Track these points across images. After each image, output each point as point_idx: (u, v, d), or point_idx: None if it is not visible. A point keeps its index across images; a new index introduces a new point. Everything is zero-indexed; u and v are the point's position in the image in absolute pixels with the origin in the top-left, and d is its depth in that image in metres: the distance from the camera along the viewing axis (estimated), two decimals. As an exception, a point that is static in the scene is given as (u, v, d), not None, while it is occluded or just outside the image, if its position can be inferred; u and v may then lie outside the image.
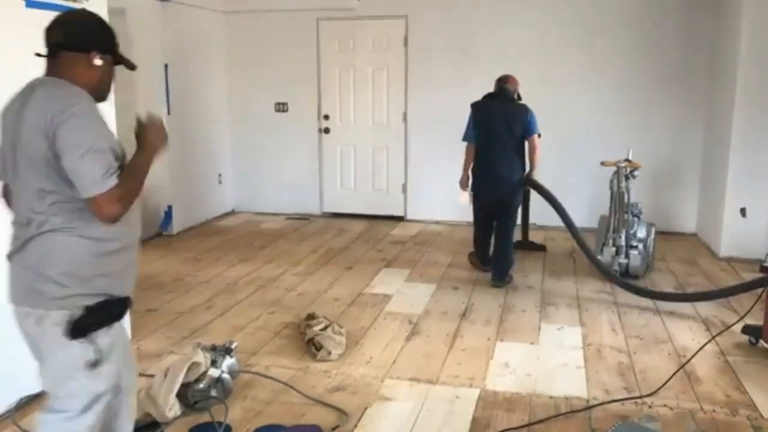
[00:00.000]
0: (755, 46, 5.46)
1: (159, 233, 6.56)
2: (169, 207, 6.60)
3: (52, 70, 2.01)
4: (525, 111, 5.03)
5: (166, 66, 6.35)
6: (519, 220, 5.68)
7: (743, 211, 5.67)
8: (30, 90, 1.96)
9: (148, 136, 2.16)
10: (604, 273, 4.93)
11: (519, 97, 5.17)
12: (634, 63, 6.59)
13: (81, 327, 1.95)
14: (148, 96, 6.40)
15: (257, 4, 7.26)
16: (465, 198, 5.22)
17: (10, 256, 2.02)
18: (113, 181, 1.90)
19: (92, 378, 2.00)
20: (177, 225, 6.68)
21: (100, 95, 2.09)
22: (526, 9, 6.72)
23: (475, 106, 5.16)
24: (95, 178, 1.87)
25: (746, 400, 3.19)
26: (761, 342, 3.76)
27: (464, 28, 6.93)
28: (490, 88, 5.31)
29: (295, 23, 7.32)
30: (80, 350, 1.96)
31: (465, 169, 5.21)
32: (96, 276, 1.98)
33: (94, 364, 1.98)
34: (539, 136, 5.08)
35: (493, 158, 5.01)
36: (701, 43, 6.39)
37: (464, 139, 5.19)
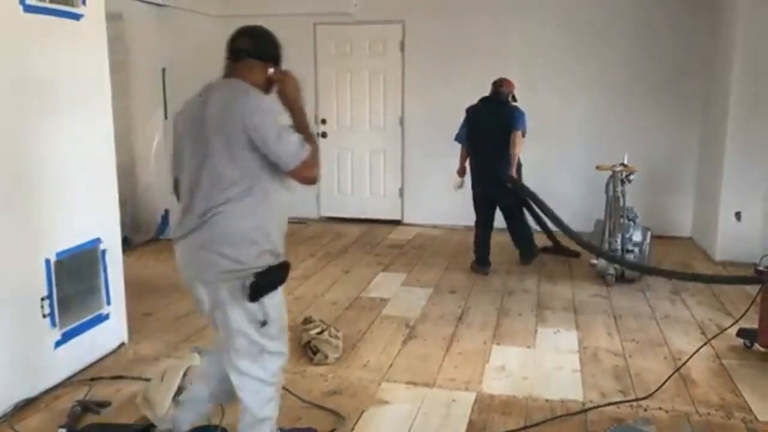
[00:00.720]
0: (750, 53, 5.50)
1: (155, 238, 6.55)
2: (166, 211, 6.60)
3: (231, 72, 2.41)
4: (512, 110, 5.24)
5: (163, 70, 6.36)
6: (538, 226, 5.88)
7: (738, 215, 5.70)
8: (212, 91, 2.35)
9: (289, 94, 2.38)
10: (602, 255, 5.04)
11: (514, 99, 5.34)
12: (629, 68, 6.63)
13: (255, 291, 2.23)
14: (145, 100, 6.41)
15: (254, 9, 7.24)
16: (458, 181, 5.56)
17: (184, 237, 2.31)
18: (306, 150, 2.24)
19: (261, 335, 2.30)
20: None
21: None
22: (522, 14, 6.75)
23: (469, 110, 5.37)
24: (293, 152, 2.22)
25: (741, 402, 3.20)
26: (756, 345, 3.77)
27: (460, 34, 6.96)
28: (487, 92, 5.38)
29: (292, 28, 7.31)
30: (252, 312, 2.26)
31: (461, 162, 5.51)
32: (264, 249, 2.27)
33: (263, 324, 2.29)
34: (523, 135, 5.23)
35: (484, 160, 5.28)
36: (697, 48, 6.43)
37: (455, 139, 5.46)
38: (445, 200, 5.92)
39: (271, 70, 2.38)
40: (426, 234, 6.89)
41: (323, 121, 7.45)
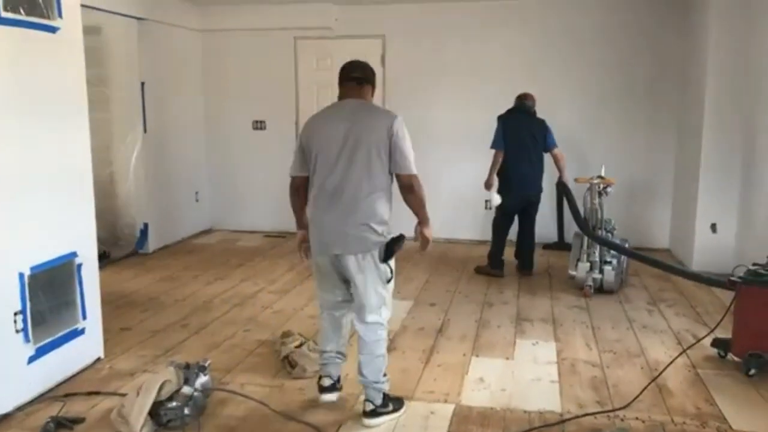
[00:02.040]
0: (722, 66, 5.61)
1: (134, 252, 6.50)
2: (145, 225, 6.56)
3: (357, 94, 3.12)
4: (544, 126, 5.68)
5: (142, 84, 6.35)
6: (555, 222, 6.57)
7: (714, 227, 5.78)
8: (354, 107, 3.08)
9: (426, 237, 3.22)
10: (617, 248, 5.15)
11: (535, 113, 5.75)
12: (606, 82, 6.73)
13: (386, 255, 3.01)
14: (124, 114, 6.40)
15: (234, 23, 7.30)
16: (496, 198, 5.68)
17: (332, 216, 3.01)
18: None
19: (386, 289, 3.08)
20: (153, 243, 6.63)
21: None
22: (500, 28, 6.85)
23: (503, 118, 5.70)
24: (412, 160, 3.06)
25: (715, 411, 3.23)
26: (730, 355, 3.82)
27: (440, 48, 7.03)
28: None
29: (273, 42, 7.37)
30: (384, 270, 3.03)
31: (491, 173, 5.66)
32: (388, 224, 3.04)
33: (388, 280, 3.07)
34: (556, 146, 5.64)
35: (521, 164, 5.60)
36: (670, 61, 6.55)
37: (493, 146, 5.64)
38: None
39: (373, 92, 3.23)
40: (407, 247, 6.85)
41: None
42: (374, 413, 3.09)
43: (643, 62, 6.63)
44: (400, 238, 3.07)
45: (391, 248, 3.03)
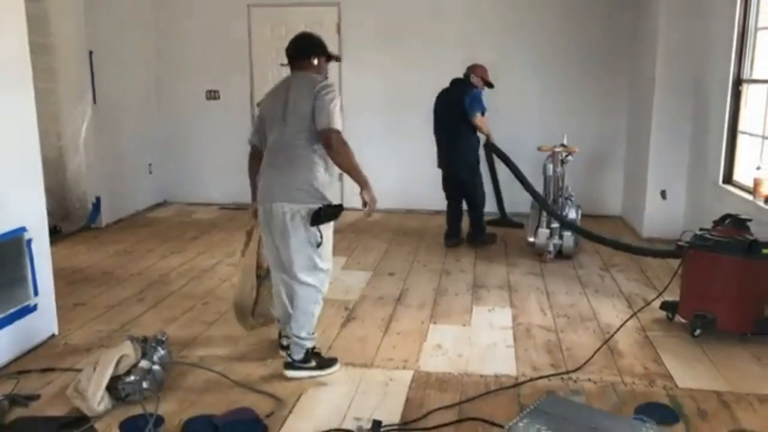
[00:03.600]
0: (672, 37, 5.70)
1: (87, 226, 6.36)
2: (97, 199, 6.40)
3: (297, 67, 3.34)
4: (464, 93, 5.48)
5: (90, 53, 6.13)
6: (494, 199, 6.48)
7: (663, 194, 5.95)
8: (291, 79, 3.29)
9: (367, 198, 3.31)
10: (565, 223, 5.29)
11: (489, 85, 5.72)
12: (560, 51, 6.78)
13: (313, 219, 3.10)
14: (71, 84, 6.18)
15: (186, -10, 7.10)
16: None
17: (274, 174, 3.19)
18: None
19: (317, 254, 3.19)
20: (106, 217, 6.49)
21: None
22: (457, -2, 6.82)
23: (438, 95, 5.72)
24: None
25: (663, 371, 3.37)
26: (677, 317, 3.97)
27: (396, 16, 6.97)
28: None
29: (226, 10, 7.20)
30: (313, 233, 3.12)
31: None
32: (324, 188, 3.16)
33: (318, 245, 3.14)
34: (483, 114, 5.49)
35: (441, 142, 5.62)
36: (625, 32, 6.64)
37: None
38: (384, 184, 5.91)
39: (314, 61, 3.36)
40: (370, 218, 6.90)
41: (259, 105, 7.32)
42: (291, 366, 3.27)
43: (597, 31, 6.70)
44: (332, 207, 3.17)
45: (318, 214, 3.10)
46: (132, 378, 2.97)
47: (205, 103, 7.43)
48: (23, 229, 3.50)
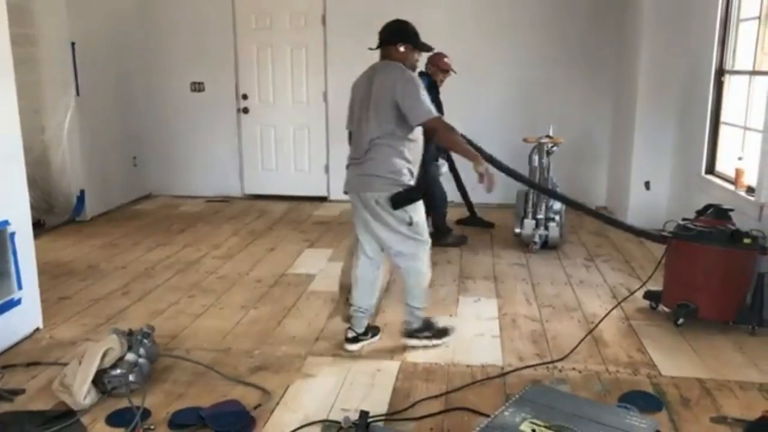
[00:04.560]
0: (656, 29, 5.74)
1: (71, 220, 6.31)
2: (82, 192, 6.35)
3: (382, 55, 3.49)
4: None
5: (73, 44, 6.06)
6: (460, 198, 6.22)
7: (647, 185, 6.00)
8: (375, 67, 3.43)
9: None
10: (552, 194, 5.22)
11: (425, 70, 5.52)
12: (547, 42, 6.80)
13: (394, 203, 3.27)
14: (54, 76, 6.11)
15: (169, -20, 7.03)
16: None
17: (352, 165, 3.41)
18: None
19: (410, 231, 3.35)
20: (90, 210, 6.44)
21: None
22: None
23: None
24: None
25: (647, 359, 3.41)
26: (661, 306, 4.01)
27: (382, 7, 6.92)
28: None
29: (209, 1, 7.14)
30: (400, 216, 3.31)
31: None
32: (401, 174, 3.29)
33: (409, 224, 3.32)
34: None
35: None
36: (609, 23, 6.68)
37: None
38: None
39: (401, 48, 3.47)
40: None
41: (244, 97, 7.32)
42: (411, 335, 3.54)
43: (583, 23, 6.73)
44: (411, 190, 3.31)
45: (398, 198, 3.26)
46: (118, 371, 2.96)
47: (190, 95, 7.39)
48: (6, 223, 3.47)
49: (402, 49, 3.41)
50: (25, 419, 2.78)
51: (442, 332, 3.57)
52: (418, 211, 3.38)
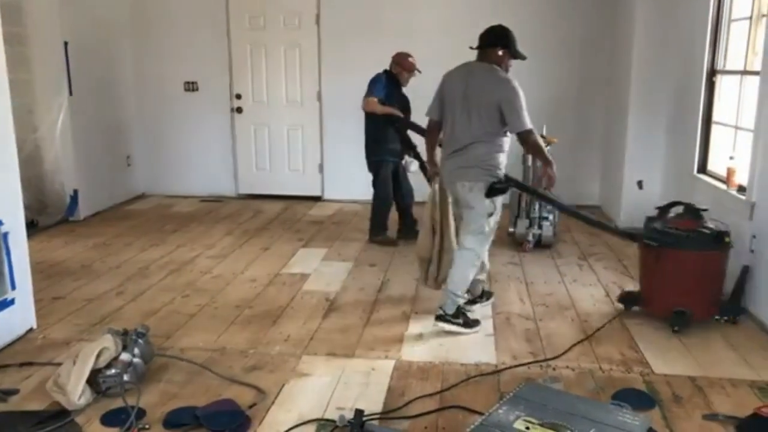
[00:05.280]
0: (649, 27, 5.77)
1: (65, 219, 6.29)
2: (75, 192, 6.34)
3: (480, 57, 3.77)
4: (375, 76, 5.46)
5: (65, 43, 6.05)
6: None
7: (640, 184, 6.02)
8: (472, 67, 3.75)
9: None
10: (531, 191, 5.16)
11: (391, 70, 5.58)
12: (540, 42, 6.78)
13: (488, 192, 3.60)
14: (47, 75, 6.10)
15: (163, -20, 7.02)
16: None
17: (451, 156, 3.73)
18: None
19: (487, 223, 3.69)
20: (84, 210, 6.43)
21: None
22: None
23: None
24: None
25: (639, 357, 3.44)
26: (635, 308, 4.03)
27: (376, 7, 6.96)
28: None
29: (203, 1, 7.13)
30: (488, 205, 3.63)
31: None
32: (495, 167, 3.63)
33: (490, 215, 3.65)
34: (380, 101, 5.34)
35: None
36: (602, 23, 6.71)
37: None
38: (365, 176, 5.96)
39: (499, 52, 3.76)
40: (347, 209, 6.93)
41: (238, 96, 7.32)
42: (443, 318, 3.71)
43: (575, 22, 6.76)
44: (502, 182, 3.66)
45: (492, 188, 3.61)
46: (113, 371, 2.96)
47: (183, 95, 7.37)
48: (-1, 223, 3.46)
49: (500, 53, 3.69)
50: (18, 419, 2.78)
51: (474, 323, 3.78)
52: (498, 206, 3.72)
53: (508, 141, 3.74)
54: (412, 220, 5.65)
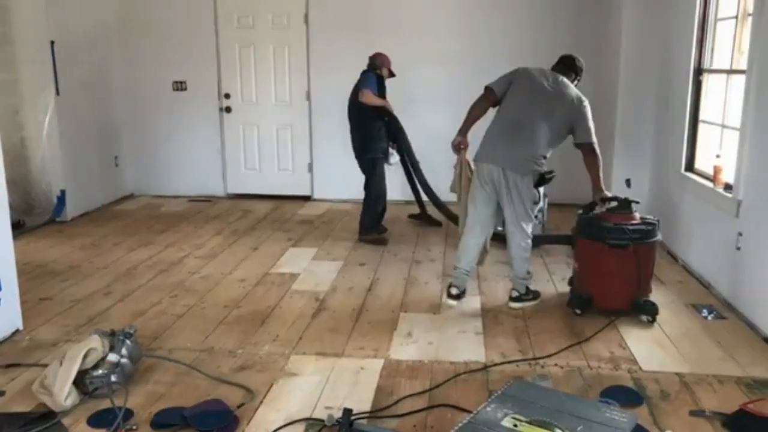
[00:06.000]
0: (636, 26, 5.80)
1: (52, 220, 6.25)
2: (62, 192, 6.29)
3: (560, 71, 4.18)
4: (362, 75, 5.53)
5: (52, 43, 6.00)
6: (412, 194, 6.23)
7: (628, 182, 6.05)
8: (556, 76, 4.11)
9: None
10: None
11: (392, 75, 5.70)
12: (528, 41, 6.82)
13: (538, 182, 4.21)
14: (33, 75, 6.06)
15: (151, -21, 6.98)
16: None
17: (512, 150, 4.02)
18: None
19: (531, 208, 4.09)
20: (71, 211, 6.38)
21: None
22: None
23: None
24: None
25: (628, 355, 3.45)
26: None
27: (364, 6, 6.95)
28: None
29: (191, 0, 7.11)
30: (534, 193, 4.09)
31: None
32: (543, 161, 4.07)
33: (536, 202, 4.16)
34: (368, 89, 5.40)
35: (351, 126, 5.63)
36: (589, 22, 6.72)
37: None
38: (355, 175, 5.96)
39: None
40: (336, 209, 6.92)
41: (227, 96, 7.29)
42: (518, 299, 4.12)
43: (563, 22, 6.77)
44: (548, 173, 4.30)
45: (540, 178, 4.19)
46: (100, 372, 2.94)
47: (172, 94, 7.34)
48: (-15, 223, 3.44)
49: (576, 82, 4.21)
50: (4, 421, 2.76)
51: (537, 294, 4.22)
52: (541, 193, 4.33)
53: None
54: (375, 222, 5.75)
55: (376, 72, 5.58)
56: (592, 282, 3.99)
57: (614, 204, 4.05)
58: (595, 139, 4.05)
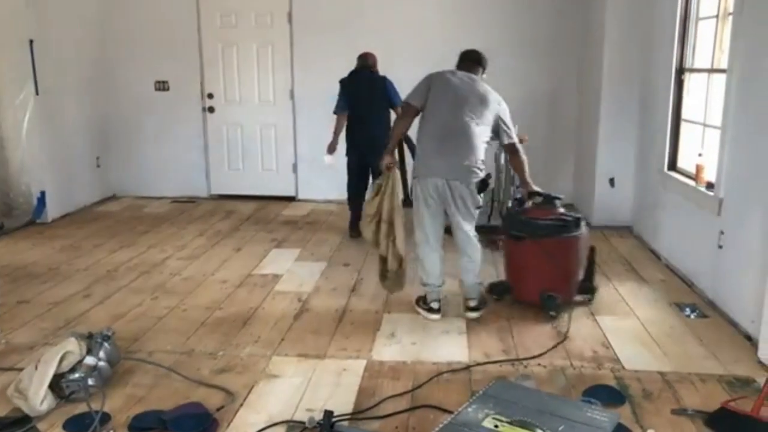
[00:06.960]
0: (619, 25, 5.81)
1: (32, 221, 6.16)
2: (42, 193, 6.21)
3: (467, 69, 4.04)
4: (384, 80, 5.60)
5: (31, 42, 5.92)
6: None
7: (612, 181, 6.07)
8: (466, 76, 3.99)
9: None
10: None
11: (369, 67, 5.71)
12: (512, 39, 6.80)
13: (480, 188, 3.91)
14: (11, 74, 5.98)
15: (131, -22, 6.91)
16: (331, 160, 5.74)
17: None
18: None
19: (475, 214, 3.98)
20: (52, 212, 6.30)
21: None
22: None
23: (345, 82, 5.65)
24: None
25: (611, 354, 3.45)
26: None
27: (348, 5, 6.92)
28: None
29: (174, -1, 7.05)
30: (477, 199, 3.92)
31: (335, 136, 5.68)
32: (482, 166, 3.89)
33: (478, 207, 3.95)
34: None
35: (367, 123, 5.54)
36: (573, 20, 6.74)
37: (335, 111, 5.67)
38: (340, 175, 5.93)
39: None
40: (321, 209, 6.89)
41: (210, 96, 7.23)
42: (476, 309, 3.98)
43: (547, 20, 6.77)
44: (487, 179, 3.97)
45: (482, 184, 3.92)
46: (76, 375, 2.89)
47: (154, 94, 7.27)
48: (-41, 225, 3.37)
49: (484, 76, 4.10)
50: (-22, 426, 2.71)
51: (488, 297, 4.19)
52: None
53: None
54: None
55: (371, 71, 5.62)
56: (508, 273, 4.25)
57: (540, 199, 4.11)
58: (516, 138, 4.05)
